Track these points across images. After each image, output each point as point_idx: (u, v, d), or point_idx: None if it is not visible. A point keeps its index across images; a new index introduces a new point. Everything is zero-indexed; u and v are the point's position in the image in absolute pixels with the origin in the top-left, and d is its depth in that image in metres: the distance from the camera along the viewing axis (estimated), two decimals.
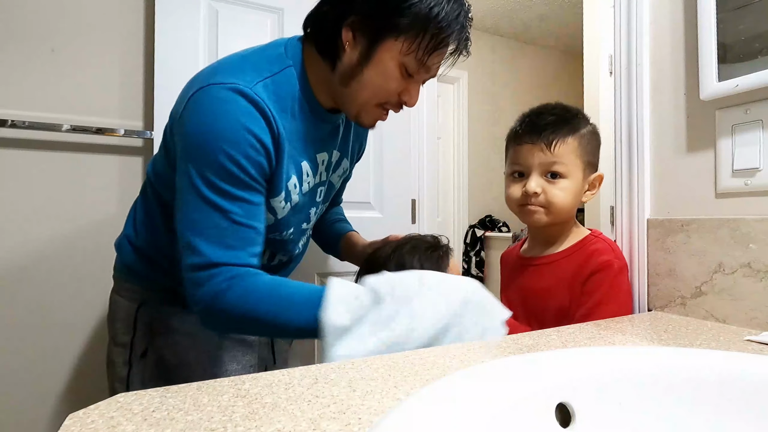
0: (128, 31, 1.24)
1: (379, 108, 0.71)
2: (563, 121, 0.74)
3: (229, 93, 0.61)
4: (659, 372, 0.40)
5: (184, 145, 0.63)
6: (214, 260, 0.60)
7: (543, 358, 0.40)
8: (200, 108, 0.62)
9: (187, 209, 0.62)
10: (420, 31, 0.63)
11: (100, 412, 0.34)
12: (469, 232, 3.36)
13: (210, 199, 0.61)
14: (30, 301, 1.14)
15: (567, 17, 3.30)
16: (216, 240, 0.61)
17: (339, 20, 0.65)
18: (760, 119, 0.62)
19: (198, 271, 0.60)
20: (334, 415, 0.33)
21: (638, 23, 0.77)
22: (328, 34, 0.67)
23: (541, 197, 0.73)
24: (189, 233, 0.61)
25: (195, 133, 0.62)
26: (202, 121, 0.62)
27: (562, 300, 0.74)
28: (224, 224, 0.61)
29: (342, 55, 0.67)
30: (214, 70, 0.67)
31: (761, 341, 0.53)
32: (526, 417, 0.34)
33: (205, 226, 0.61)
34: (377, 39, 0.64)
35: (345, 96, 0.70)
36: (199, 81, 0.65)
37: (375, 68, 0.66)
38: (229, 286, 0.60)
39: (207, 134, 0.61)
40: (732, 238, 0.63)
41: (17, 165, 1.13)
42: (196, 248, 0.60)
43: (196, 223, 0.61)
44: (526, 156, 0.74)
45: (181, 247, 0.63)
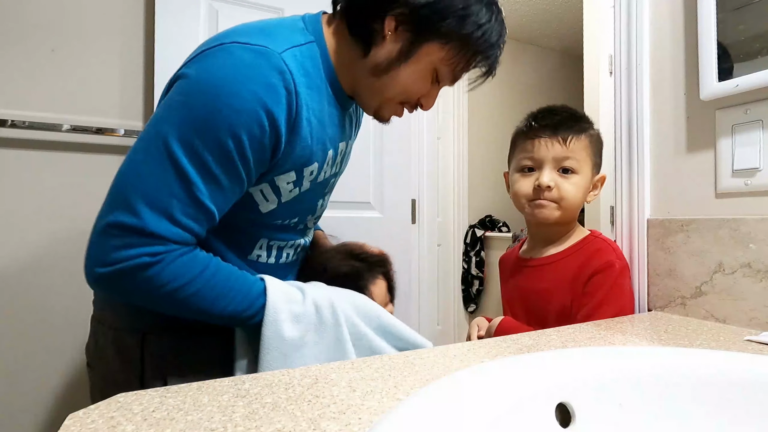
0: (128, 31, 1.24)
1: (400, 105, 0.68)
2: (575, 119, 0.75)
3: (254, 56, 0.53)
4: (659, 372, 0.40)
5: (176, 95, 0.53)
6: (152, 230, 0.51)
7: (543, 358, 0.40)
8: (214, 63, 0.53)
9: (143, 160, 0.52)
10: (465, 44, 0.62)
11: (100, 412, 0.34)
12: (469, 232, 3.36)
13: (179, 162, 0.51)
14: (30, 301, 1.14)
15: (567, 17, 3.30)
16: (165, 208, 0.51)
17: (385, 7, 0.60)
18: (760, 119, 0.62)
19: (125, 233, 0.50)
20: (334, 415, 0.33)
21: (638, 23, 0.77)
22: (368, 18, 0.61)
23: (553, 192, 0.72)
24: (132, 189, 0.51)
25: (197, 86, 0.53)
26: (211, 76, 0.52)
27: (563, 300, 0.73)
28: (181, 195, 0.52)
29: (380, 43, 0.61)
30: (234, 31, 0.57)
31: (761, 341, 0.53)
32: (526, 417, 0.34)
33: (158, 188, 0.51)
34: (422, 39, 0.61)
35: (371, 86, 0.65)
36: (217, 39, 0.56)
37: (412, 67, 0.63)
38: (155, 261, 0.52)
39: (211, 91, 0.52)
40: (732, 238, 0.63)
41: (17, 165, 1.13)
42: (135, 208, 0.50)
43: (146, 180, 0.51)
44: (539, 149, 0.73)
45: (110, 197, 0.52)
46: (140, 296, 0.54)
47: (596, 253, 0.73)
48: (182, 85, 0.54)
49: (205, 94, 0.52)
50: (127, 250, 0.51)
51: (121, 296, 0.57)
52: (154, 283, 0.52)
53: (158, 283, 0.52)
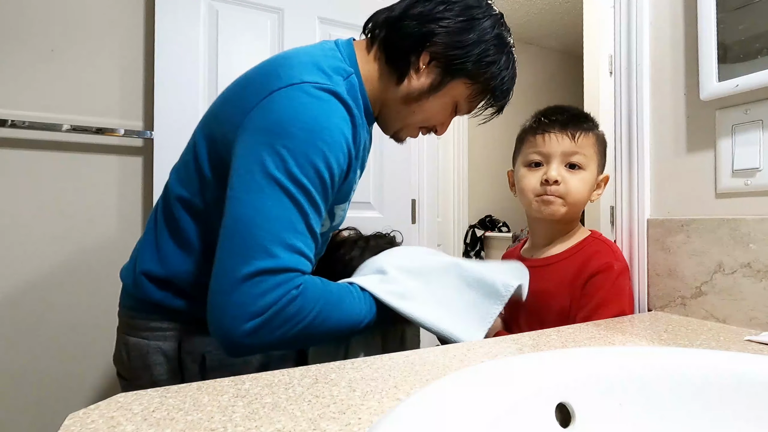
0: (128, 31, 1.24)
1: (418, 130, 0.75)
2: (584, 117, 0.76)
3: (326, 94, 0.58)
4: (659, 372, 0.40)
5: (271, 135, 0.55)
6: (289, 265, 0.53)
7: (543, 358, 0.40)
8: (296, 103, 0.56)
9: (262, 204, 0.53)
10: (486, 85, 0.70)
11: (100, 412, 0.34)
12: (469, 232, 3.36)
13: (296, 197, 0.54)
14: (29, 301, 1.14)
15: (567, 17, 3.30)
16: (292, 243, 0.54)
17: (422, 43, 0.66)
18: (760, 119, 0.62)
19: (268, 275, 0.52)
20: (334, 415, 0.33)
21: (638, 23, 0.77)
22: (406, 51, 0.67)
23: (560, 186, 0.72)
24: (263, 233, 0.52)
25: (292, 125, 0.55)
26: (301, 115, 0.55)
27: (562, 301, 0.73)
28: (300, 228, 0.55)
29: (413, 75, 0.68)
30: (291, 66, 0.60)
31: (761, 341, 0.53)
32: (526, 417, 0.34)
33: (286, 226, 0.53)
34: (452, 76, 0.68)
35: (399, 112, 0.71)
36: (279, 78, 0.58)
37: (439, 99, 0.70)
38: (299, 293, 0.54)
39: (306, 130, 0.55)
40: (732, 238, 0.63)
41: (17, 165, 1.13)
42: (271, 251, 0.52)
43: (275, 221, 0.53)
44: (548, 144, 0.73)
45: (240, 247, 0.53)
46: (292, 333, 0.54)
47: (595, 255, 0.73)
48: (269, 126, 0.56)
49: (302, 131, 0.55)
50: (275, 291, 0.52)
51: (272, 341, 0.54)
52: (303, 312, 0.54)
53: (306, 311, 0.54)
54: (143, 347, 0.65)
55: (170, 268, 0.65)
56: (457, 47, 0.66)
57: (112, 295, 1.21)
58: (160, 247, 0.66)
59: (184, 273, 0.64)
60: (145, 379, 0.65)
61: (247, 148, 0.56)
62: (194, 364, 0.64)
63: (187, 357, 0.64)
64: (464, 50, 0.66)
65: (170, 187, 0.68)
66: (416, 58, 0.67)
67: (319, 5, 1.37)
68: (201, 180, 0.63)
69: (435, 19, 0.65)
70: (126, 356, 0.67)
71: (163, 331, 0.65)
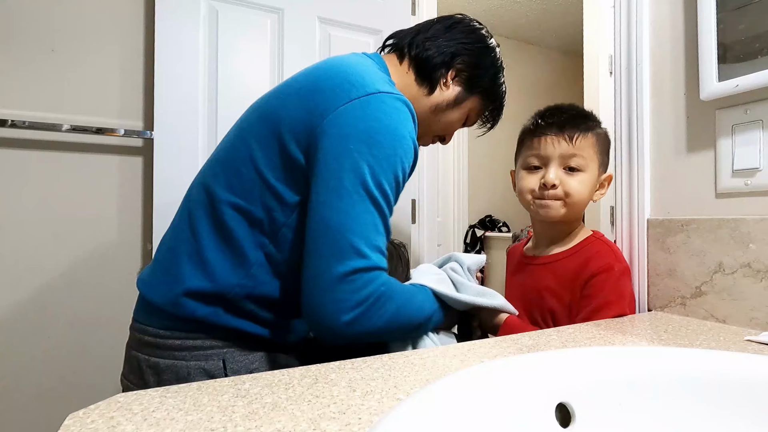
0: (128, 31, 1.24)
1: (431, 139, 0.85)
2: (583, 117, 0.75)
3: (404, 106, 0.63)
4: (659, 372, 0.40)
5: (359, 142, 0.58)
6: (377, 264, 0.58)
7: (543, 358, 0.40)
8: (382, 113, 0.60)
9: (352, 208, 0.57)
10: (493, 101, 0.83)
11: (100, 412, 0.34)
12: (469, 232, 3.36)
13: (379, 203, 0.59)
14: (29, 301, 1.14)
15: (567, 17, 3.30)
16: (377, 244, 0.59)
17: (452, 59, 0.76)
18: (760, 119, 0.62)
19: (362, 273, 0.57)
20: (334, 415, 0.33)
21: (638, 23, 0.77)
22: (438, 66, 0.76)
23: (558, 189, 0.72)
24: (354, 235, 0.57)
25: (379, 134, 0.59)
26: (387, 125, 0.60)
27: (561, 300, 0.74)
28: (382, 229, 0.60)
29: (441, 86, 0.77)
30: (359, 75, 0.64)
31: (761, 341, 0.53)
32: (526, 417, 0.34)
33: (371, 229, 0.58)
34: (473, 91, 0.79)
35: (425, 120, 0.78)
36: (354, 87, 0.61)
37: (458, 111, 0.80)
38: (387, 289, 0.59)
39: (393, 139, 0.60)
40: (732, 238, 0.63)
41: (17, 165, 1.13)
42: (362, 251, 0.57)
43: (363, 225, 0.58)
44: (546, 147, 0.73)
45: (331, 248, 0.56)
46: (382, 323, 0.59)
47: (595, 255, 0.73)
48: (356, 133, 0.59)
49: (386, 141, 0.60)
50: (369, 287, 0.57)
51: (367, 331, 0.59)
52: (390, 304, 0.59)
53: (392, 304, 0.60)
54: (182, 369, 0.60)
55: (221, 281, 0.61)
56: (479, 67, 0.78)
57: (112, 294, 1.21)
58: (206, 259, 0.62)
59: (237, 287, 0.61)
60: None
61: (334, 155, 0.58)
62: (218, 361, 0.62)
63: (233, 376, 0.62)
64: (483, 70, 0.78)
65: (214, 193, 0.64)
66: (445, 73, 0.76)
67: (319, 5, 1.37)
68: (263, 188, 0.61)
69: (461, 42, 0.77)
70: (155, 381, 0.61)
71: (203, 350, 0.61)
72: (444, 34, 0.77)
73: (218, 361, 0.61)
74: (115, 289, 1.22)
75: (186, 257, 0.62)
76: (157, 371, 0.61)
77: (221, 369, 0.61)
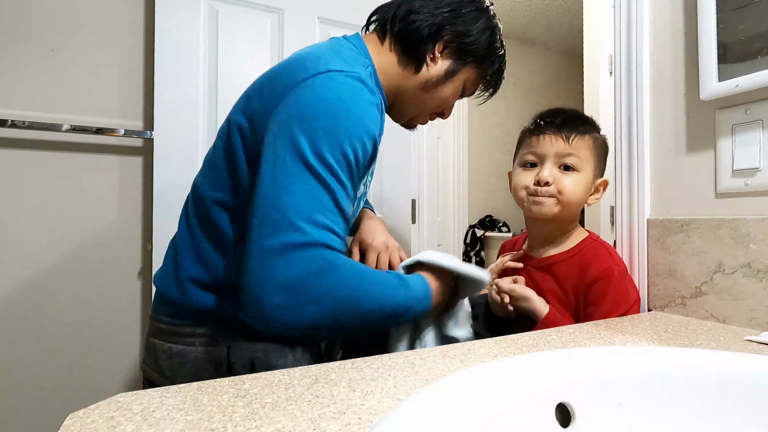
0: (128, 31, 1.24)
1: (429, 116, 0.81)
2: (581, 120, 0.76)
3: (356, 82, 0.60)
4: (659, 372, 0.40)
5: (299, 119, 0.57)
6: (317, 240, 0.54)
7: (543, 358, 0.40)
8: (327, 88, 0.59)
9: (290, 183, 0.55)
10: (488, 70, 0.78)
11: (100, 412, 0.34)
12: (469, 232, 3.36)
13: (322, 176, 0.56)
14: (29, 301, 1.14)
15: (567, 17, 3.30)
16: (318, 219, 0.55)
17: (438, 33, 0.72)
18: (760, 119, 0.62)
19: (296, 250, 0.53)
20: (334, 415, 0.33)
21: (638, 23, 0.77)
22: (423, 41, 0.72)
23: (552, 187, 0.73)
24: (289, 209, 0.54)
25: (320, 108, 0.57)
26: (330, 99, 0.58)
27: (567, 304, 0.73)
28: (329, 205, 0.57)
29: (429, 62, 0.73)
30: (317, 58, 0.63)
31: (761, 341, 0.53)
32: (526, 417, 0.34)
33: (310, 202, 0.55)
34: (465, 61, 0.75)
35: (417, 99, 0.75)
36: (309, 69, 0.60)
37: (452, 84, 0.76)
38: (327, 267, 0.54)
39: (335, 112, 0.57)
40: (732, 238, 0.63)
41: (17, 165, 1.13)
42: (298, 225, 0.54)
43: (300, 198, 0.55)
44: (543, 145, 0.75)
45: (271, 221, 0.54)
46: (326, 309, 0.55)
47: (594, 260, 0.73)
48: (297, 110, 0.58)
49: (327, 115, 0.57)
50: (302, 264, 0.53)
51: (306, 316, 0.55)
52: (335, 287, 0.55)
53: (338, 286, 0.55)
54: (190, 353, 0.64)
55: (214, 272, 0.64)
56: (470, 35, 0.73)
57: (112, 294, 1.21)
58: (199, 251, 0.65)
59: (227, 276, 0.63)
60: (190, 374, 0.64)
61: (274, 133, 0.58)
62: (244, 369, 0.63)
63: (236, 362, 0.63)
64: (476, 36, 0.73)
65: (201, 191, 0.67)
66: (432, 47, 0.72)
67: (319, 5, 1.37)
68: (233, 178, 0.64)
69: (447, 11, 0.72)
70: (167, 365, 0.65)
71: (209, 337, 0.64)
72: (429, 2, 0.72)
73: (223, 348, 0.63)
74: (115, 289, 1.22)
75: (186, 249, 0.67)
76: (169, 355, 0.65)
77: (225, 355, 0.63)
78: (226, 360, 0.63)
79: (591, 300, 0.71)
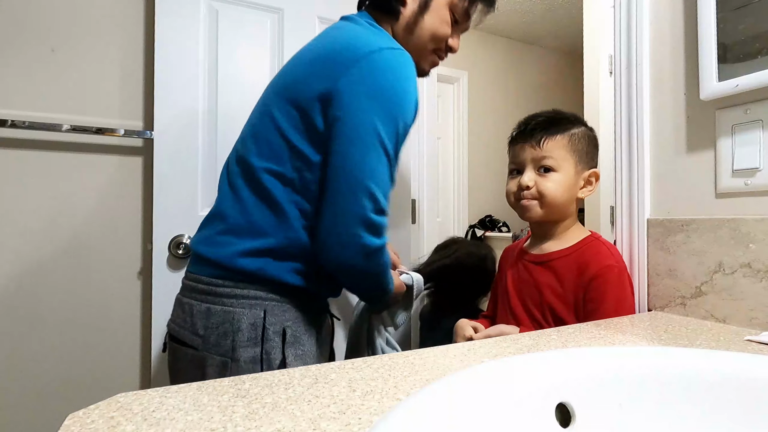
0: (128, 31, 1.24)
1: (433, 54, 0.82)
2: (551, 122, 0.79)
3: (401, 56, 0.68)
4: (659, 372, 0.40)
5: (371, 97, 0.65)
6: (386, 210, 0.67)
7: (543, 358, 0.40)
8: (386, 67, 0.66)
9: (370, 159, 0.65)
10: None
11: (100, 412, 0.34)
12: (469, 232, 3.36)
13: (390, 154, 0.66)
14: (29, 301, 1.14)
15: (567, 17, 3.30)
16: (386, 192, 0.67)
17: None
18: (760, 119, 0.62)
19: (380, 215, 0.66)
20: (334, 415, 0.33)
21: (638, 23, 0.77)
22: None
23: (533, 190, 0.78)
24: (370, 182, 0.64)
25: (389, 88, 0.66)
26: (391, 79, 0.66)
27: (565, 299, 0.75)
28: (389, 180, 0.68)
29: (403, 8, 0.78)
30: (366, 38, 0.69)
31: (761, 341, 0.53)
32: (526, 417, 0.34)
33: (383, 178, 0.66)
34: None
35: (409, 44, 0.78)
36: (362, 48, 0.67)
37: (432, 14, 0.78)
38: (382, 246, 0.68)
39: (402, 92, 0.66)
40: (732, 238, 0.63)
41: (17, 165, 1.13)
42: (377, 197, 0.65)
43: (377, 173, 0.65)
44: (519, 154, 0.81)
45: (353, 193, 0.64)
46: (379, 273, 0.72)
47: (595, 257, 0.75)
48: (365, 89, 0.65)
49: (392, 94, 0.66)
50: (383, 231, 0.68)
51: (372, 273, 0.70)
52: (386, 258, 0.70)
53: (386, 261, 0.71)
54: (228, 314, 0.67)
55: (267, 236, 0.69)
56: None
57: (112, 294, 1.21)
58: (252, 219, 0.70)
59: (282, 238, 0.69)
60: (224, 346, 0.66)
61: (348, 112, 0.65)
62: (276, 335, 0.68)
63: (270, 328, 0.68)
64: None
65: (251, 164, 0.71)
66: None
67: (319, 5, 1.37)
68: (291, 151, 0.69)
69: None
70: (203, 324, 0.68)
71: (249, 299, 0.68)
72: None
73: (260, 311, 0.68)
74: (115, 289, 1.22)
75: (233, 216, 0.71)
76: (207, 315, 0.68)
77: (261, 319, 0.68)
78: (262, 324, 0.67)
79: (592, 296, 0.72)
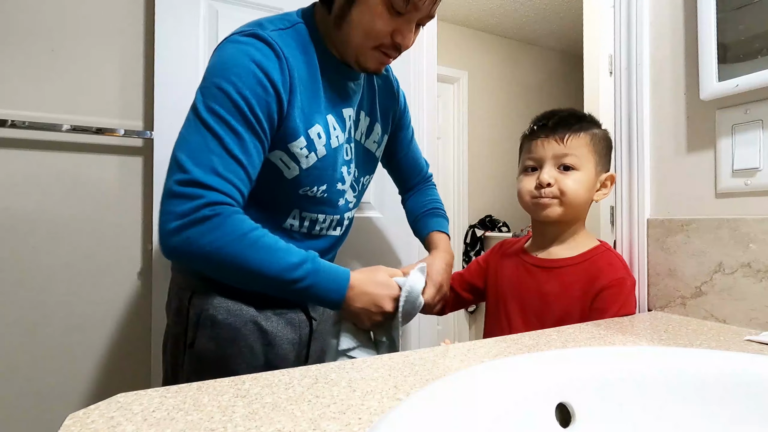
0: (128, 31, 1.24)
1: (377, 51, 0.71)
2: (575, 118, 0.76)
3: (247, 38, 0.66)
4: (659, 372, 0.40)
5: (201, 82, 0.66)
6: (200, 179, 0.60)
7: (543, 358, 0.40)
8: (219, 51, 0.67)
9: (184, 131, 0.64)
10: None
11: (100, 412, 0.34)
12: (469, 232, 3.36)
13: (207, 122, 0.62)
14: (29, 301, 1.14)
15: (567, 17, 3.30)
16: (205, 163, 0.61)
17: None
18: (760, 119, 0.62)
19: (183, 186, 0.60)
20: (334, 415, 0.33)
21: (638, 23, 0.77)
22: None
23: (553, 188, 0.73)
24: (179, 152, 0.62)
25: (210, 67, 0.66)
26: (218, 58, 0.66)
27: (566, 307, 0.72)
28: (216, 150, 0.62)
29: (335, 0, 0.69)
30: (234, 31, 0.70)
31: (761, 341, 0.53)
32: (526, 417, 0.34)
33: (197, 147, 0.62)
34: None
35: (339, 39, 0.71)
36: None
37: (360, 7, 0.66)
38: (213, 214, 0.59)
39: (219, 66, 0.65)
40: (732, 238, 0.63)
41: (17, 165, 1.13)
42: (183, 165, 0.61)
43: (188, 143, 0.62)
44: (539, 149, 0.75)
45: (168, 167, 0.63)
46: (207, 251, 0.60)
47: (608, 268, 0.72)
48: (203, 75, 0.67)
49: (216, 71, 0.65)
50: (187, 203, 0.59)
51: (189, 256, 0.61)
52: (217, 234, 0.60)
53: (221, 235, 0.60)
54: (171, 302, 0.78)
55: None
56: None
57: (112, 294, 1.21)
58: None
59: None
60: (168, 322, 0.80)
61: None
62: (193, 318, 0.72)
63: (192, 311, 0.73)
64: None
65: None
66: None
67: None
68: None
69: None
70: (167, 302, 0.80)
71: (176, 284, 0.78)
72: None
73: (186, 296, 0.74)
74: (116, 290, 1.22)
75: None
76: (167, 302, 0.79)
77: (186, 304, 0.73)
78: (186, 308, 0.72)
79: (597, 306, 0.70)
